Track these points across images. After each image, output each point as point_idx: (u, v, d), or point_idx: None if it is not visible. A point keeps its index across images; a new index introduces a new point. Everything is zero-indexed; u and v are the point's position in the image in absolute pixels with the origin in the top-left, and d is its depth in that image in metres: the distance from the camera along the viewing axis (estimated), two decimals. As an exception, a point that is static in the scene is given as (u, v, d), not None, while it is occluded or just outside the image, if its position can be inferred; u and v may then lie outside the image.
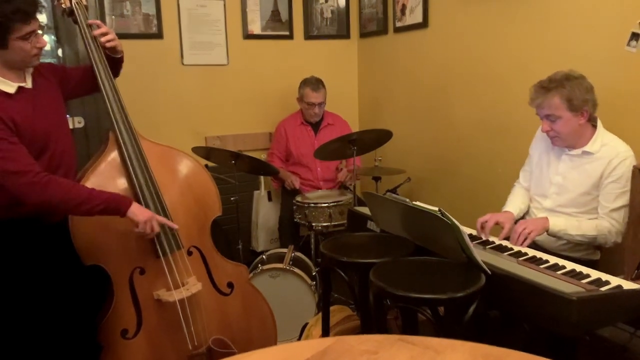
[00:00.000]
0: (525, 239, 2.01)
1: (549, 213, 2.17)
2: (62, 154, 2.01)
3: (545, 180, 2.25)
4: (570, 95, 2.02)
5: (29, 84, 1.95)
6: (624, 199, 2.04)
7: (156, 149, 2.13)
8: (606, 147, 2.08)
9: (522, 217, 2.32)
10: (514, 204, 2.33)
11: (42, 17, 3.27)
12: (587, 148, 2.11)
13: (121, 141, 2.02)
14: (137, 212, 1.93)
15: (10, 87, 1.87)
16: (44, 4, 2.02)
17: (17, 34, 1.80)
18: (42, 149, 1.93)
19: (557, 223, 2.07)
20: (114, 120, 2.03)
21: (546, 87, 2.07)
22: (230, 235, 3.50)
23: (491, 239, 2.13)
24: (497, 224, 2.15)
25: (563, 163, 2.18)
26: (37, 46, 1.88)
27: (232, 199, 3.09)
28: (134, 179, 2.01)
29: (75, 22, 2.06)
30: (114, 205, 1.89)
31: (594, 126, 2.14)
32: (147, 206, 2.01)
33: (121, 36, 3.38)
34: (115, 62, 2.19)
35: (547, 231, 2.07)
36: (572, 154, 2.14)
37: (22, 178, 1.78)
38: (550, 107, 2.06)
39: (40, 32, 1.89)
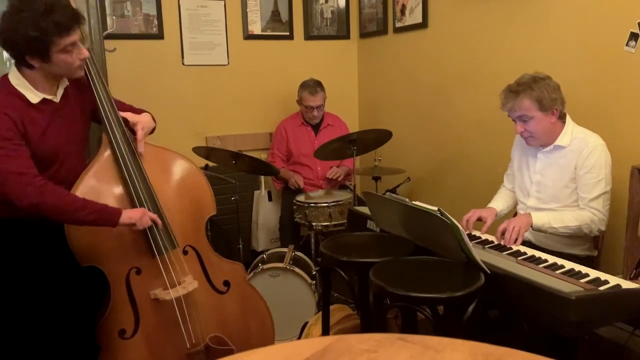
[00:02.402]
0: (517, 237, 2.04)
1: (533, 211, 2.21)
2: (69, 172, 1.99)
3: (527, 180, 2.31)
4: (539, 96, 2.08)
5: (57, 97, 1.95)
6: (601, 187, 2.09)
7: (150, 150, 2.13)
8: (576, 139, 2.14)
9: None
10: (497, 201, 2.43)
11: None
12: (558, 142, 2.16)
13: (114, 143, 2.02)
14: (130, 215, 1.94)
15: (34, 97, 1.87)
16: (85, 16, 1.99)
17: (58, 47, 1.79)
18: (47, 165, 1.92)
19: (540, 217, 2.12)
20: (106, 122, 2.02)
21: (515, 90, 2.12)
22: (231, 235, 3.50)
23: (483, 236, 2.15)
24: (479, 219, 2.21)
25: (539, 161, 2.24)
26: (80, 57, 1.88)
27: (232, 199, 3.09)
28: (128, 180, 2.01)
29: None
30: (106, 216, 1.90)
31: (564, 122, 2.18)
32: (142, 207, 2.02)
33: (122, 37, 3.44)
34: None
35: (531, 226, 2.10)
36: (546, 150, 2.20)
37: (19, 178, 1.77)
38: (521, 108, 2.11)
39: (81, 44, 1.87)
